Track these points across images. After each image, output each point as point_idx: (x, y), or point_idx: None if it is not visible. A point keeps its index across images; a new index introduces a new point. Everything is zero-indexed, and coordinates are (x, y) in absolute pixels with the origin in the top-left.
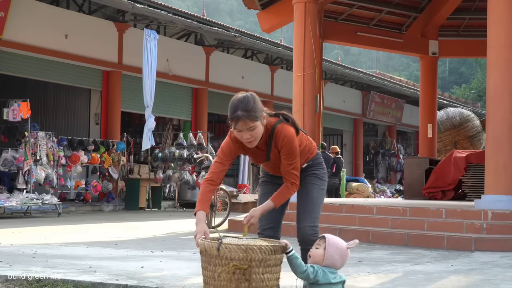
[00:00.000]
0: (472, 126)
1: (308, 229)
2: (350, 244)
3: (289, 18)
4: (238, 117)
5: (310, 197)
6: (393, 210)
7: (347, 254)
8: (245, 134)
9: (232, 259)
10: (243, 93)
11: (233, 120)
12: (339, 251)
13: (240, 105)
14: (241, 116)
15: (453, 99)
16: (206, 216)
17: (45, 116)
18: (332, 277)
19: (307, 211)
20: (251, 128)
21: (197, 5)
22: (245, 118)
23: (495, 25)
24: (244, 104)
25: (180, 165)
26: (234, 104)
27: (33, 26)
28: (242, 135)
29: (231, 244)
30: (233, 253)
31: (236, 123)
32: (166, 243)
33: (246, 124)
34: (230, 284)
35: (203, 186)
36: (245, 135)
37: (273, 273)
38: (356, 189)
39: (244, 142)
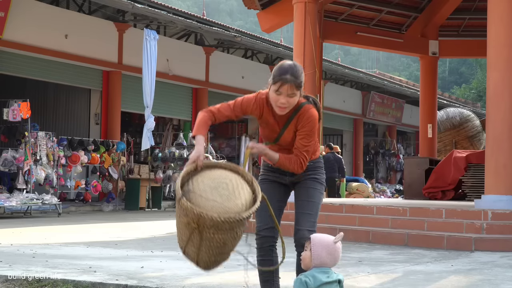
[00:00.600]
0: (472, 126)
1: (306, 233)
2: (336, 238)
3: (289, 18)
4: (287, 80)
5: (312, 202)
6: (393, 210)
7: (336, 249)
8: (283, 98)
9: (186, 215)
10: (293, 61)
11: (280, 81)
12: (325, 249)
13: (290, 70)
14: (290, 80)
15: (453, 99)
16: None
17: (45, 116)
18: (325, 277)
19: (307, 215)
20: (291, 94)
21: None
22: (292, 83)
23: (495, 25)
24: (294, 70)
25: (180, 165)
26: (284, 67)
27: (33, 26)
28: (280, 98)
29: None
30: (188, 211)
31: (281, 85)
32: (166, 243)
33: (291, 88)
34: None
35: (202, 115)
36: (283, 99)
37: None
38: (356, 189)
39: (277, 105)
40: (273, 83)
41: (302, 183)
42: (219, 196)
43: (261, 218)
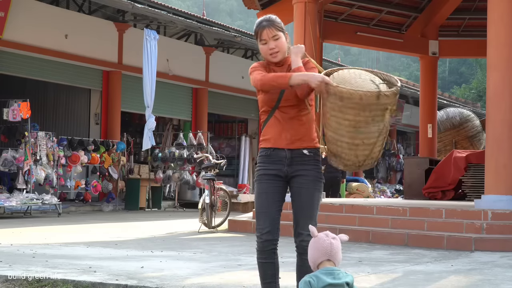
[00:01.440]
0: (472, 126)
1: (308, 238)
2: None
3: (289, 18)
4: (263, 26)
5: (312, 203)
6: (393, 210)
7: (321, 242)
8: (270, 44)
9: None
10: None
11: (258, 30)
12: (312, 246)
13: (264, 19)
14: (266, 25)
15: (453, 99)
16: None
17: (45, 116)
18: (330, 278)
19: (310, 217)
20: (275, 37)
21: (197, 5)
22: (270, 26)
23: (495, 25)
24: (267, 17)
25: (180, 165)
26: (259, 20)
27: (33, 26)
28: (268, 46)
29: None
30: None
31: (261, 33)
32: (166, 243)
33: (271, 31)
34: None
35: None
36: (271, 45)
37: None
38: (356, 189)
39: (270, 54)
40: (257, 37)
41: (302, 181)
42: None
43: (262, 221)
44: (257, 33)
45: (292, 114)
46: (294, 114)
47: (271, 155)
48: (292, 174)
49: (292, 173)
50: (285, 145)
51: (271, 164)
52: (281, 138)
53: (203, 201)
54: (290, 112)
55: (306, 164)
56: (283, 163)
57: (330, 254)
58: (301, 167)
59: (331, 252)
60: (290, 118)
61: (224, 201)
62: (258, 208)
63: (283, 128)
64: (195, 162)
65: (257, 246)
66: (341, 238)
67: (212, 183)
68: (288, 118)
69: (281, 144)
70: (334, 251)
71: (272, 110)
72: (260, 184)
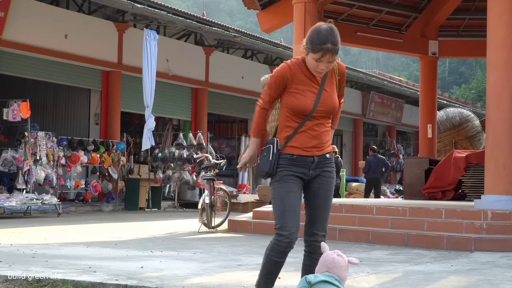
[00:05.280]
0: (472, 126)
1: (323, 238)
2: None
3: (289, 18)
4: (328, 49)
5: (329, 206)
6: (393, 210)
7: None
8: (322, 65)
9: None
10: (327, 24)
11: (321, 51)
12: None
13: (330, 37)
14: (331, 49)
15: (453, 99)
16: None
17: (45, 116)
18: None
19: (325, 220)
20: (332, 61)
21: (197, 5)
22: (333, 52)
23: (494, 25)
24: (334, 37)
25: (180, 165)
26: (323, 34)
27: (33, 26)
28: (319, 65)
29: None
30: None
31: (323, 55)
32: (166, 243)
33: (331, 56)
34: None
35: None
36: (322, 66)
37: None
38: (356, 189)
39: (316, 71)
40: (313, 52)
41: (322, 181)
42: None
43: (290, 220)
44: (317, 49)
45: (321, 122)
46: (323, 122)
47: (297, 159)
48: (314, 176)
49: (314, 175)
50: (313, 153)
51: (297, 167)
52: (309, 146)
53: (203, 201)
54: (321, 120)
55: (327, 166)
56: (308, 167)
57: (330, 267)
58: (322, 169)
59: (330, 265)
60: (318, 125)
61: (224, 201)
62: (287, 207)
63: (312, 137)
64: (195, 162)
65: (279, 245)
66: (350, 260)
67: (212, 183)
68: (317, 126)
69: (309, 153)
70: (334, 265)
71: (305, 118)
72: (286, 184)
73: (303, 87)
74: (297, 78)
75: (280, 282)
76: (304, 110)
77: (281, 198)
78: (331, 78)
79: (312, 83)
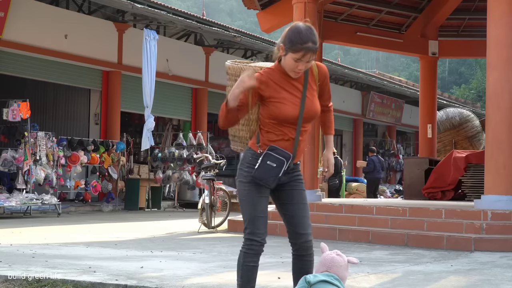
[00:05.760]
0: (472, 126)
1: (310, 237)
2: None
3: (289, 18)
4: (309, 48)
5: (306, 204)
6: (393, 210)
7: (324, 256)
8: (301, 65)
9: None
10: (306, 24)
11: (303, 50)
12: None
13: (311, 36)
14: (312, 48)
15: (452, 99)
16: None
17: (45, 116)
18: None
19: (307, 218)
20: (310, 60)
21: (197, 5)
22: (314, 50)
23: (495, 25)
24: (314, 36)
25: (179, 165)
26: (304, 33)
27: (33, 26)
28: (298, 65)
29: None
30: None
31: (304, 54)
32: (165, 243)
33: (311, 56)
34: None
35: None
36: (301, 66)
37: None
38: (355, 189)
39: (293, 71)
40: (294, 51)
41: (293, 185)
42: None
43: (262, 226)
44: (299, 48)
45: (305, 129)
46: (306, 129)
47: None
48: (284, 181)
49: (285, 180)
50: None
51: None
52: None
53: (202, 201)
54: (305, 127)
55: (296, 171)
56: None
57: (329, 266)
58: (292, 174)
59: (330, 264)
60: (301, 132)
61: (224, 201)
62: (259, 212)
63: (292, 144)
64: (194, 162)
65: (253, 249)
66: (350, 259)
67: (211, 183)
68: (299, 133)
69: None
70: (333, 264)
71: (289, 126)
72: (255, 187)
73: (284, 94)
74: (271, 88)
75: (280, 282)
76: (289, 118)
77: (253, 203)
78: (311, 82)
79: (294, 87)
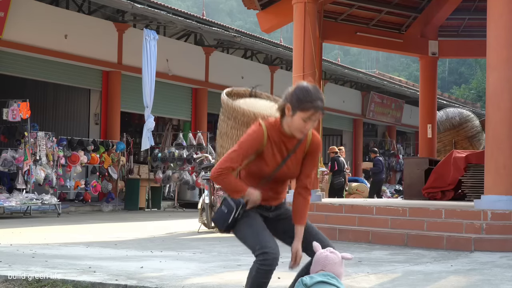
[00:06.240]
0: (472, 126)
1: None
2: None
3: (288, 18)
4: (318, 107)
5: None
6: (392, 210)
7: (318, 254)
8: (309, 124)
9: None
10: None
11: (312, 109)
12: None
13: (319, 94)
14: (321, 106)
15: (452, 99)
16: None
17: (45, 116)
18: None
19: (321, 235)
20: (317, 119)
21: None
22: (322, 109)
23: (494, 25)
24: (321, 94)
25: (179, 165)
26: (312, 92)
27: (33, 26)
28: (306, 125)
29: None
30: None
31: (314, 113)
32: (165, 243)
33: (320, 115)
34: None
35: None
36: (309, 125)
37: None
38: (355, 189)
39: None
40: (303, 110)
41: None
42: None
43: (268, 237)
44: (308, 107)
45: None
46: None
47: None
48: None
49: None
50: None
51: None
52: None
53: (202, 201)
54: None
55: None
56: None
57: (324, 264)
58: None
59: (324, 262)
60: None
61: None
62: (260, 229)
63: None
64: (194, 162)
65: (266, 264)
66: (344, 255)
67: (211, 183)
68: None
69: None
70: (328, 262)
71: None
72: (249, 215)
73: (272, 152)
74: (269, 144)
75: (280, 282)
76: (262, 176)
77: (249, 225)
78: (299, 150)
79: (283, 149)
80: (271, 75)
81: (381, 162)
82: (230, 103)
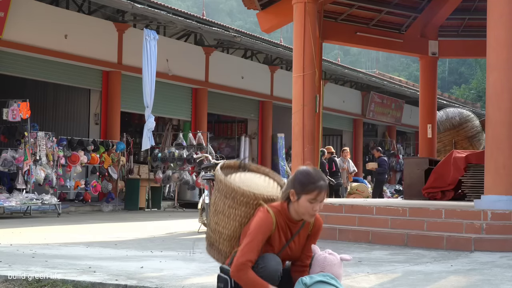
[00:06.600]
0: (472, 126)
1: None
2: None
3: (288, 18)
4: (322, 187)
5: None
6: (392, 210)
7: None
8: (317, 205)
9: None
10: (308, 166)
11: (317, 189)
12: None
13: (320, 175)
14: (324, 186)
15: (452, 99)
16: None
17: (45, 116)
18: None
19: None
20: (323, 199)
21: (196, 5)
22: (326, 189)
23: (495, 25)
24: (322, 174)
25: (179, 165)
26: (313, 173)
27: (33, 26)
28: (314, 206)
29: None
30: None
31: (319, 193)
32: (165, 243)
33: (325, 194)
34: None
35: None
36: (316, 206)
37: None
38: (356, 189)
39: (310, 214)
40: (307, 193)
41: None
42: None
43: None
44: (312, 188)
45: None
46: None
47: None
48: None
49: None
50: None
51: None
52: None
53: (202, 201)
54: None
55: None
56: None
57: (323, 266)
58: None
59: (323, 264)
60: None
61: None
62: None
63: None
64: (194, 162)
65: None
66: (343, 257)
67: (211, 183)
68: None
69: None
70: (327, 263)
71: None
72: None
73: (279, 236)
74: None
75: None
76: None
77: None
78: (302, 233)
79: (288, 233)
80: (271, 75)
81: (386, 162)
82: (229, 183)
